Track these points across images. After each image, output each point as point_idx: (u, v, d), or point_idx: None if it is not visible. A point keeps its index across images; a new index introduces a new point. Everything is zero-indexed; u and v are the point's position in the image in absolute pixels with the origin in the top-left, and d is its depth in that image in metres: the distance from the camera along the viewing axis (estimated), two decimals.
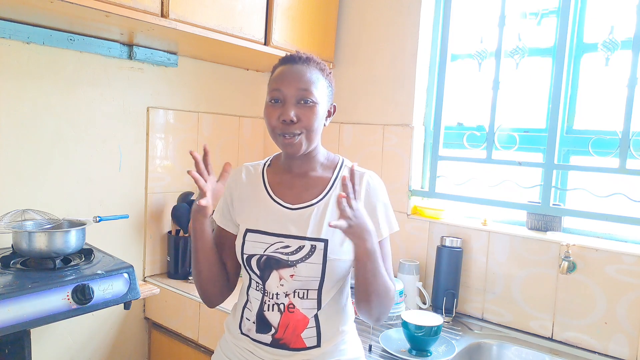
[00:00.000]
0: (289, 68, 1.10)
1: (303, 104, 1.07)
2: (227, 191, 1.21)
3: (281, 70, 1.11)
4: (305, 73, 1.09)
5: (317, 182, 1.15)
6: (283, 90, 1.07)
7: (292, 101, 1.07)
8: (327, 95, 1.13)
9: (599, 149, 1.59)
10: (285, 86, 1.07)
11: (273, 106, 1.09)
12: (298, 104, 1.07)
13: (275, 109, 1.08)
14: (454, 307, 1.73)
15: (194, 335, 1.79)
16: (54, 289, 1.28)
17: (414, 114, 1.94)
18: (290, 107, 1.07)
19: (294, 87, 1.07)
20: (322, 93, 1.11)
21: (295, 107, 1.07)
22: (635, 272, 1.47)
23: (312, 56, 1.13)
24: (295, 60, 1.11)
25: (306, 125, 1.07)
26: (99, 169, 1.78)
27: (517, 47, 1.72)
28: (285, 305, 1.09)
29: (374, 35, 2.04)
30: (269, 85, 1.12)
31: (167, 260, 1.99)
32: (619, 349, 1.50)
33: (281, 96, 1.08)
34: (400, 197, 1.96)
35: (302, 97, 1.07)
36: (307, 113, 1.07)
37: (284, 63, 1.13)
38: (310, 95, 1.07)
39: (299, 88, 1.07)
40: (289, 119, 1.06)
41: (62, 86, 1.65)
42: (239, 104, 2.25)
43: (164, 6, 1.46)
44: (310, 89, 1.08)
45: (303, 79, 1.08)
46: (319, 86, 1.10)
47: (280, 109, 1.08)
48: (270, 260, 1.09)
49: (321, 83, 1.11)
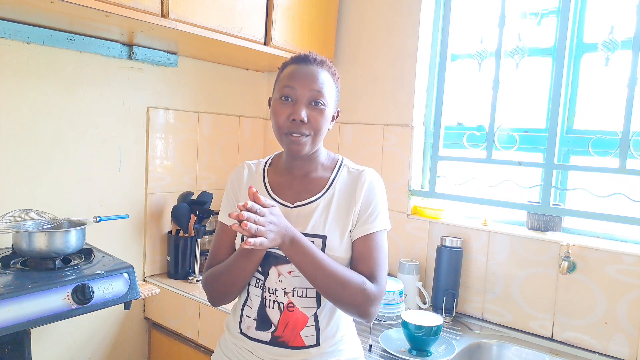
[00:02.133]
0: (303, 68, 1.10)
1: (314, 105, 1.07)
2: (230, 190, 1.21)
3: (294, 68, 1.10)
4: (319, 75, 1.09)
5: (317, 181, 1.15)
6: (296, 88, 1.07)
7: (304, 101, 1.07)
8: (334, 100, 1.13)
9: (599, 149, 1.59)
10: (299, 85, 1.07)
11: (283, 104, 1.08)
12: (309, 105, 1.07)
13: (286, 107, 1.07)
14: (454, 307, 1.73)
15: (193, 335, 1.79)
16: (54, 289, 1.28)
17: (414, 114, 1.94)
18: (301, 106, 1.06)
19: (307, 87, 1.07)
20: (331, 97, 1.11)
21: (307, 107, 1.07)
22: (635, 272, 1.47)
23: (325, 59, 1.13)
24: (309, 60, 1.11)
25: (315, 128, 1.08)
26: (99, 169, 1.78)
27: (517, 47, 1.72)
28: (285, 304, 1.09)
29: (374, 35, 2.04)
30: (280, 81, 1.11)
31: (167, 260, 1.99)
32: (619, 349, 1.50)
33: (293, 95, 1.07)
34: (400, 197, 1.96)
35: (314, 98, 1.07)
36: (317, 116, 1.08)
37: (297, 62, 1.12)
38: (322, 97, 1.08)
39: (312, 89, 1.07)
40: (299, 119, 1.05)
41: (62, 86, 1.65)
42: (239, 104, 2.25)
43: (164, 6, 1.46)
44: (323, 91, 1.08)
45: (317, 81, 1.08)
46: (329, 90, 1.10)
47: (291, 107, 1.07)
48: (269, 256, 1.10)
49: (331, 87, 1.11)
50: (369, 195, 1.12)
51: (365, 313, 1.06)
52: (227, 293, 1.14)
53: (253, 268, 1.09)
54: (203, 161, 2.12)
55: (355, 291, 1.04)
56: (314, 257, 1.02)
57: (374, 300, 1.07)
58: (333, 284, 1.03)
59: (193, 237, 1.95)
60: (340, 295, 1.04)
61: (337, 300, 1.06)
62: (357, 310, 1.06)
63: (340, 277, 1.03)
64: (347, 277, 1.04)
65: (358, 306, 1.05)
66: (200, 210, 1.92)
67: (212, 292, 1.15)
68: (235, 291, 1.14)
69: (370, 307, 1.06)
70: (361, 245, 1.10)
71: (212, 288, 1.15)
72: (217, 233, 1.20)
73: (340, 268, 1.05)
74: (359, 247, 1.10)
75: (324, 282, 1.03)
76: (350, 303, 1.05)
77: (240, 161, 2.25)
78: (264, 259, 1.09)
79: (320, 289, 1.05)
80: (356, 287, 1.04)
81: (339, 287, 1.03)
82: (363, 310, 1.06)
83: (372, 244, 1.10)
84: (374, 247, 1.10)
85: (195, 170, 2.10)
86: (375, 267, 1.09)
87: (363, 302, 1.05)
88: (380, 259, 1.11)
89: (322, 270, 1.02)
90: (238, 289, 1.13)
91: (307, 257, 1.02)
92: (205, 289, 1.17)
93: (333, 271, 1.03)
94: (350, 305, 1.06)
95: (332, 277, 1.03)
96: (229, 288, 1.12)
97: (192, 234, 1.96)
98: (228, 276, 1.11)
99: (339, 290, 1.03)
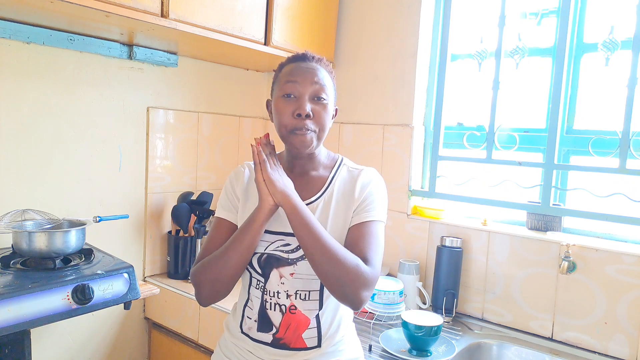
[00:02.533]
0: (302, 64, 1.10)
1: (317, 100, 1.08)
2: (229, 187, 1.19)
3: (293, 66, 1.11)
4: (319, 71, 1.10)
5: (316, 181, 1.15)
6: (299, 84, 1.07)
7: (308, 96, 1.07)
8: (333, 97, 1.14)
9: (599, 149, 1.59)
10: (300, 80, 1.07)
11: (287, 101, 1.08)
12: (312, 100, 1.07)
13: (289, 104, 1.07)
14: (454, 307, 1.73)
15: (193, 335, 1.79)
16: (54, 289, 1.28)
17: (414, 114, 1.94)
18: (305, 101, 1.06)
19: (309, 81, 1.07)
20: (331, 94, 1.12)
21: (311, 102, 1.07)
22: (635, 272, 1.47)
23: (322, 57, 1.15)
24: (308, 58, 1.12)
25: (320, 123, 1.08)
26: (99, 169, 1.78)
27: (517, 47, 1.72)
28: (287, 307, 1.09)
29: (374, 35, 2.04)
30: (281, 79, 1.11)
31: (167, 260, 1.99)
32: (619, 349, 1.50)
33: (296, 91, 1.07)
34: (400, 197, 1.96)
35: (317, 93, 1.07)
36: (321, 110, 1.08)
37: (296, 60, 1.13)
38: (324, 92, 1.08)
39: (314, 82, 1.07)
40: (305, 113, 1.05)
41: (62, 86, 1.65)
42: (239, 104, 2.25)
43: (164, 6, 1.46)
44: (324, 86, 1.08)
45: (318, 76, 1.09)
46: (329, 86, 1.11)
47: (295, 103, 1.07)
48: (271, 258, 1.09)
49: (330, 84, 1.12)
50: (366, 189, 1.12)
51: (356, 295, 1.00)
52: (217, 279, 1.06)
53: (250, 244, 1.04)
54: (203, 161, 2.12)
55: (349, 269, 0.99)
56: (312, 226, 1.00)
57: (366, 283, 1.01)
58: (328, 258, 0.99)
59: (193, 237, 1.95)
60: (334, 271, 0.99)
61: (330, 276, 1.00)
62: (349, 290, 1.00)
63: (336, 252, 1.00)
64: (342, 253, 1.01)
65: (350, 285, 0.99)
66: (200, 210, 1.92)
67: (200, 281, 1.07)
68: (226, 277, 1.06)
69: (362, 290, 1.00)
70: (355, 231, 1.08)
71: (202, 277, 1.07)
72: (213, 228, 1.17)
73: (337, 244, 1.02)
74: (353, 233, 1.08)
75: (320, 255, 0.99)
76: (343, 281, 0.99)
77: (240, 161, 2.25)
78: (264, 260, 1.09)
79: (314, 263, 1.01)
80: (351, 264, 1.00)
81: (334, 262, 0.99)
82: (354, 291, 1.00)
83: (367, 230, 1.07)
84: (368, 233, 1.07)
85: (195, 170, 2.10)
86: (369, 251, 1.05)
87: (356, 281, 0.99)
88: (374, 244, 1.07)
89: (319, 242, 0.99)
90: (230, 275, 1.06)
91: (307, 225, 1.00)
92: (194, 279, 1.08)
93: (329, 245, 1.00)
94: (342, 283, 0.99)
95: (329, 251, 0.99)
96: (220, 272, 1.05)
97: (192, 234, 1.96)
98: (221, 259, 1.05)
99: (332, 264, 0.99)
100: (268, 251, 1.09)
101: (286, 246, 1.09)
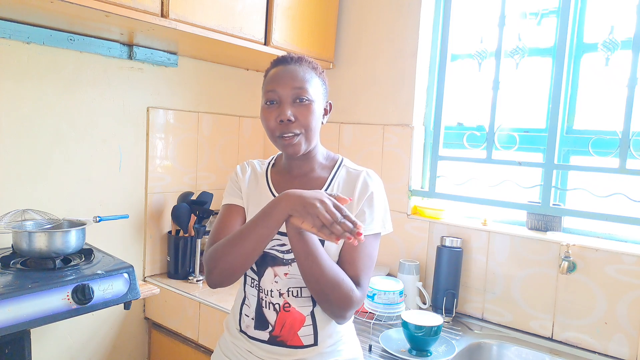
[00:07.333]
0: (281, 69, 1.11)
1: (299, 102, 1.08)
2: (235, 178, 1.20)
3: (274, 71, 1.11)
4: (298, 72, 1.09)
5: (315, 182, 1.15)
6: (278, 90, 1.08)
7: (288, 101, 1.07)
8: (322, 94, 1.13)
9: (599, 149, 1.59)
10: (279, 86, 1.08)
11: (269, 108, 1.09)
12: (294, 103, 1.08)
13: (272, 111, 1.08)
14: (454, 307, 1.73)
15: (193, 335, 1.79)
16: (54, 289, 1.28)
17: (414, 114, 1.94)
18: (286, 106, 1.07)
19: (288, 86, 1.07)
20: (317, 91, 1.11)
21: (292, 106, 1.07)
22: (635, 272, 1.47)
23: (303, 56, 1.14)
24: (287, 60, 1.12)
25: (304, 124, 1.08)
26: (99, 169, 1.78)
27: (517, 47, 1.72)
28: (281, 305, 1.09)
29: (374, 35, 2.04)
30: (263, 87, 1.12)
31: (167, 260, 1.99)
32: (619, 349, 1.50)
33: (276, 97, 1.08)
34: (400, 197, 1.96)
35: (297, 95, 1.07)
36: (304, 111, 1.08)
37: (276, 65, 1.13)
38: (305, 93, 1.08)
39: (293, 87, 1.07)
40: (286, 119, 1.06)
41: (62, 86, 1.65)
42: (239, 104, 2.25)
43: (164, 6, 1.46)
44: (305, 87, 1.08)
45: (297, 78, 1.08)
46: (313, 84, 1.10)
47: (277, 109, 1.08)
48: (267, 256, 1.10)
49: (315, 81, 1.11)
50: (365, 197, 1.11)
51: (342, 316, 1.06)
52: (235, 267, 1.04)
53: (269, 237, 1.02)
54: (203, 161, 2.12)
55: (342, 295, 1.02)
56: (315, 250, 1.00)
57: (355, 306, 1.05)
58: (325, 282, 1.00)
59: (193, 237, 1.95)
60: (328, 295, 1.01)
61: (323, 298, 1.02)
62: (337, 311, 1.04)
63: (334, 278, 1.01)
64: (340, 278, 1.02)
65: (339, 307, 1.03)
66: (200, 210, 1.92)
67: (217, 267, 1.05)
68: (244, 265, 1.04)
69: (349, 311, 1.05)
70: (350, 247, 1.08)
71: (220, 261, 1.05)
72: (223, 214, 1.17)
73: (335, 267, 1.03)
74: (348, 248, 1.08)
75: (315, 283, 1.01)
76: (335, 304, 1.02)
77: (240, 161, 2.24)
78: (261, 258, 1.09)
79: (309, 285, 1.02)
80: (345, 291, 1.02)
81: (330, 287, 1.00)
82: (341, 313, 1.05)
83: (361, 248, 1.07)
84: (364, 252, 1.08)
85: (195, 170, 2.10)
86: (362, 273, 1.07)
87: (346, 305, 1.03)
88: (369, 265, 1.09)
89: (318, 266, 1.00)
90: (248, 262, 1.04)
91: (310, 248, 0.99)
92: (211, 264, 1.06)
93: (328, 269, 1.00)
94: (334, 306, 1.03)
95: (326, 276, 1.00)
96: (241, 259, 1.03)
97: (192, 234, 1.96)
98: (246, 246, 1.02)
99: (329, 289, 1.01)
100: (265, 250, 1.09)
101: (282, 246, 1.09)
